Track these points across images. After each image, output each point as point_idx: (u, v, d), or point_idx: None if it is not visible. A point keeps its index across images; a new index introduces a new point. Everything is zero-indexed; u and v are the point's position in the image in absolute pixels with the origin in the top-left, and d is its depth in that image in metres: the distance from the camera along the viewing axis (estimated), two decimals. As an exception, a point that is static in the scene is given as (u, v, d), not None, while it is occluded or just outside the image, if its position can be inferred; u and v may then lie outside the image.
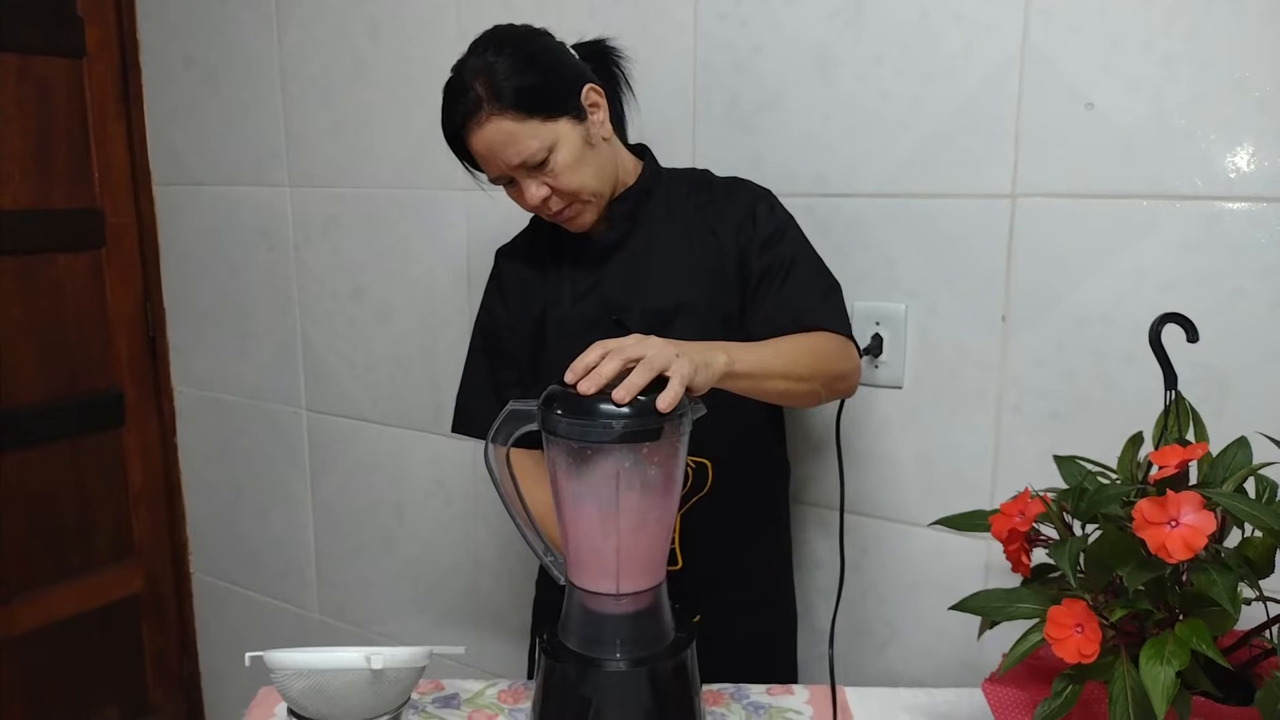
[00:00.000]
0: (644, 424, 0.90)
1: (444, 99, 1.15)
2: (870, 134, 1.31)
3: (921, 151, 1.28)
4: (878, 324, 1.34)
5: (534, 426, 0.97)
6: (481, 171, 1.18)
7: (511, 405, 0.98)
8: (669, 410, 0.89)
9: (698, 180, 1.28)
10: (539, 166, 1.13)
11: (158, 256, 2.18)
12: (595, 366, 0.91)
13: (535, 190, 1.14)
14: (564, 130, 1.13)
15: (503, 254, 1.34)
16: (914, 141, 1.29)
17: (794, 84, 1.35)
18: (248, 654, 0.98)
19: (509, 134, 1.11)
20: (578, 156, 1.14)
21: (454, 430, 1.33)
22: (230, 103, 1.97)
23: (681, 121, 1.44)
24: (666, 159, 1.32)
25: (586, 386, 0.90)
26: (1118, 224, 1.18)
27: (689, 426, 0.95)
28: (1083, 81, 1.17)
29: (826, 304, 1.18)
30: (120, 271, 2.13)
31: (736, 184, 1.27)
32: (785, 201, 1.37)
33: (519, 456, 1.11)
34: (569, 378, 0.92)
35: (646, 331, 1.04)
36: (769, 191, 1.25)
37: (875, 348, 1.34)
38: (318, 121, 1.85)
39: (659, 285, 1.22)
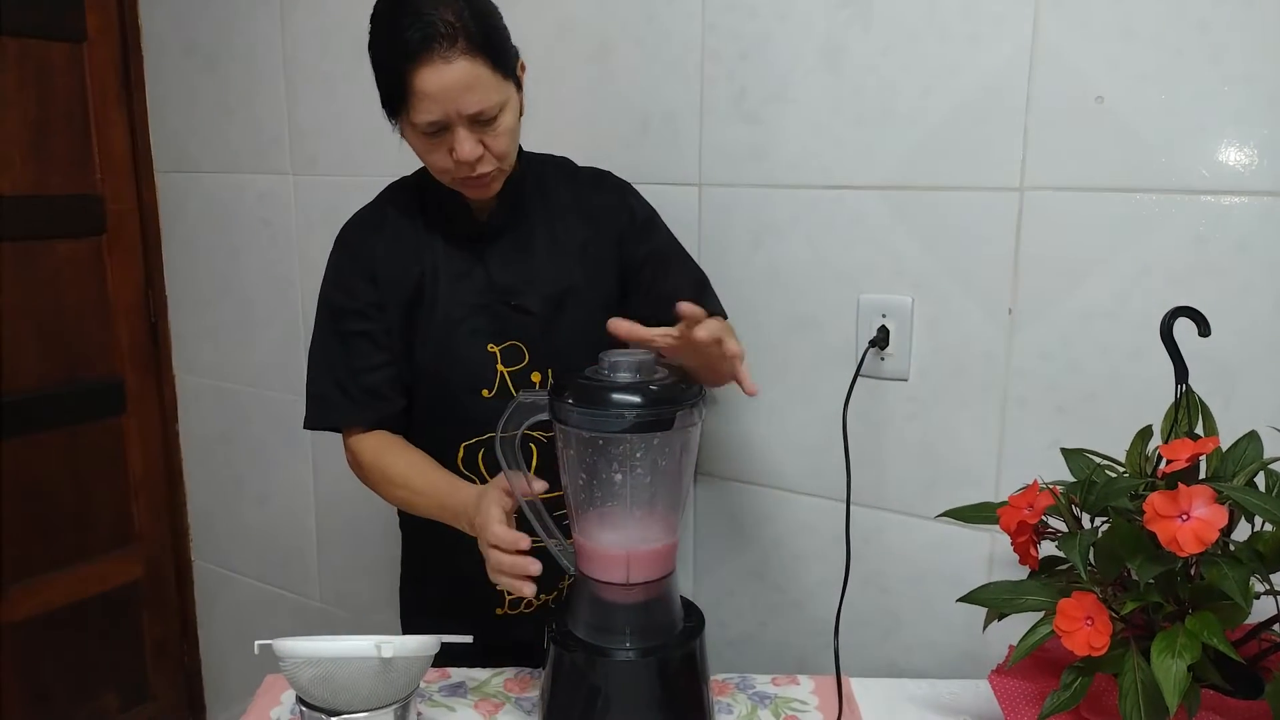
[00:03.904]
0: (656, 414, 0.91)
1: (388, 19, 1.04)
2: (877, 126, 1.31)
3: (929, 144, 1.28)
4: (884, 316, 1.34)
5: (544, 416, 0.97)
6: (400, 112, 1.07)
7: (521, 396, 0.98)
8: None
9: (564, 168, 1.30)
10: (486, 123, 1.07)
11: (159, 243, 2.18)
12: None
13: (471, 147, 1.07)
14: (511, 94, 1.11)
15: (361, 228, 1.24)
16: (921, 133, 1.28)
17: (801, 75, 1.35)
18: (257, 642, 0.98)
19: (477, 79, 1.04)
20: (515, 122, 1.12)
21: (309, 426, 1.26)
22: (232, 89, 1.96)
23: (688, 112, 1.44)
24: (673, 149, 1.32)
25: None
26: (1126, 218, 1.18)
27: (701, 416, 0.96)
28: (1092, 74, 1.17)
29: (712, 292, 1.29)
30: (121, 258, 2.12)
31: (602, 174, 1.31)
32: (792, 192, 1.38)
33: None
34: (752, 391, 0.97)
35: (543, 315, 1.07)
36: (628, 183, 1.30)
37: (881, 340, 1.34)
38: (321, 109, 1.85)
39: (545, 269, 1.22)
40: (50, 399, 2.03)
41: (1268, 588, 0.86)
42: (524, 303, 1.20)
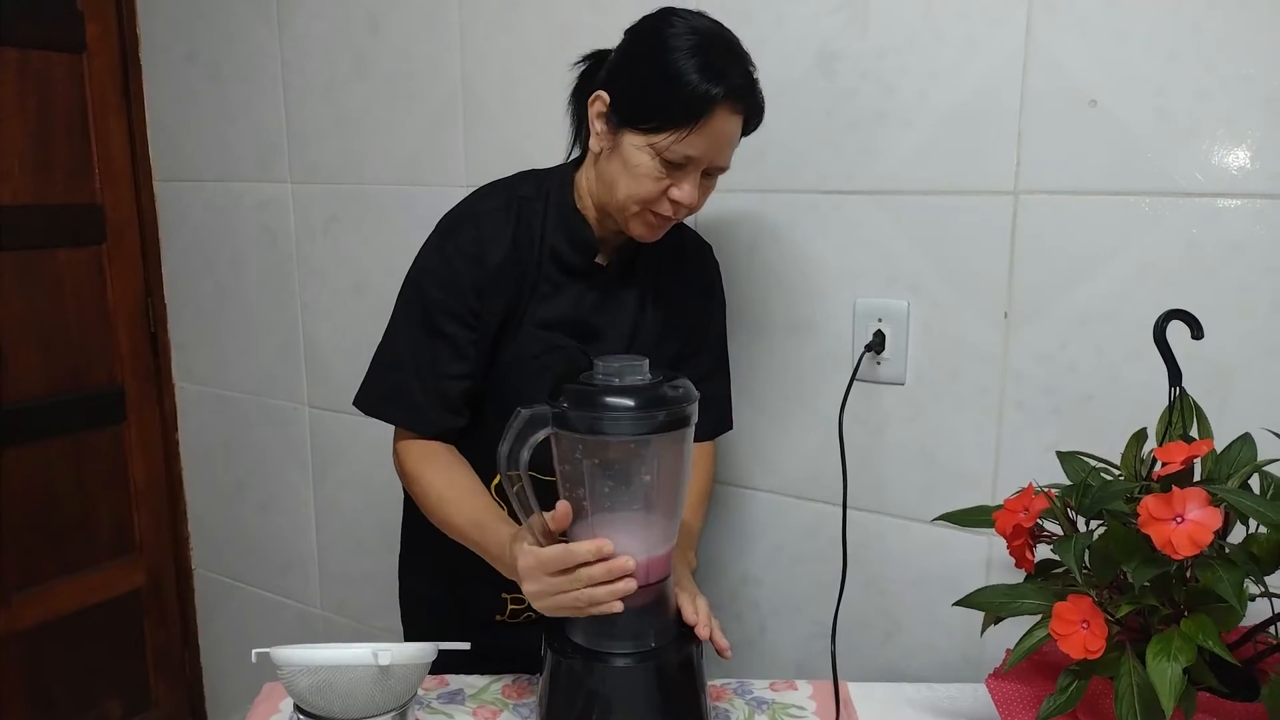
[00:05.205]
0: (653, 417, 0.91)
1: (714, 45, 1.04)
2: (873, 130, 1.31)
3: (924, 148, 1.28)
4: (880, 320, 1.34)
5: (549, 430, 0.95)
6: (665, 130, 1.04)
7: (529, 410, 0.95)
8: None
9: (678, 228, 1.26)
10: (710, 176, 1.11)
11: (159, 252, 2.18)
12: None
13: (693, 192, 1.08)
14: None
15: (481, 230, 1.14)
16: (917, 137, 1.29)
17: (796, 79, 1.35)
18: (254, 650, 0.98)
19: (736, 138, 1.09)
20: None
21: (360, 406, 1.19)
22: (231, 98, 1.97)
23: (684, 117, 1.44)
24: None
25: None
26: (1120, 221, 1.18)
27: (695, 420, 0.96)
28: (1086, 78, 1.17)
29: (730, 405, 1.36)
30: (121, 267, 2.13)
31: (705, 246, 1.33)
32: (788, 196, 1.39)
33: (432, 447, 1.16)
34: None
35: None
36: (719, 263, 1.34)
37: (877, 344, 1.34)
38: (319, 117, 1.85)
39: (630, 327, 1.21)
40: (51, 408, 2.03)
41: (1263, 590, 0.86)
42: (599, 356, 1.17)
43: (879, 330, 1.34)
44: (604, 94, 1.08)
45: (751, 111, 1.09)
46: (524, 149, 1.59)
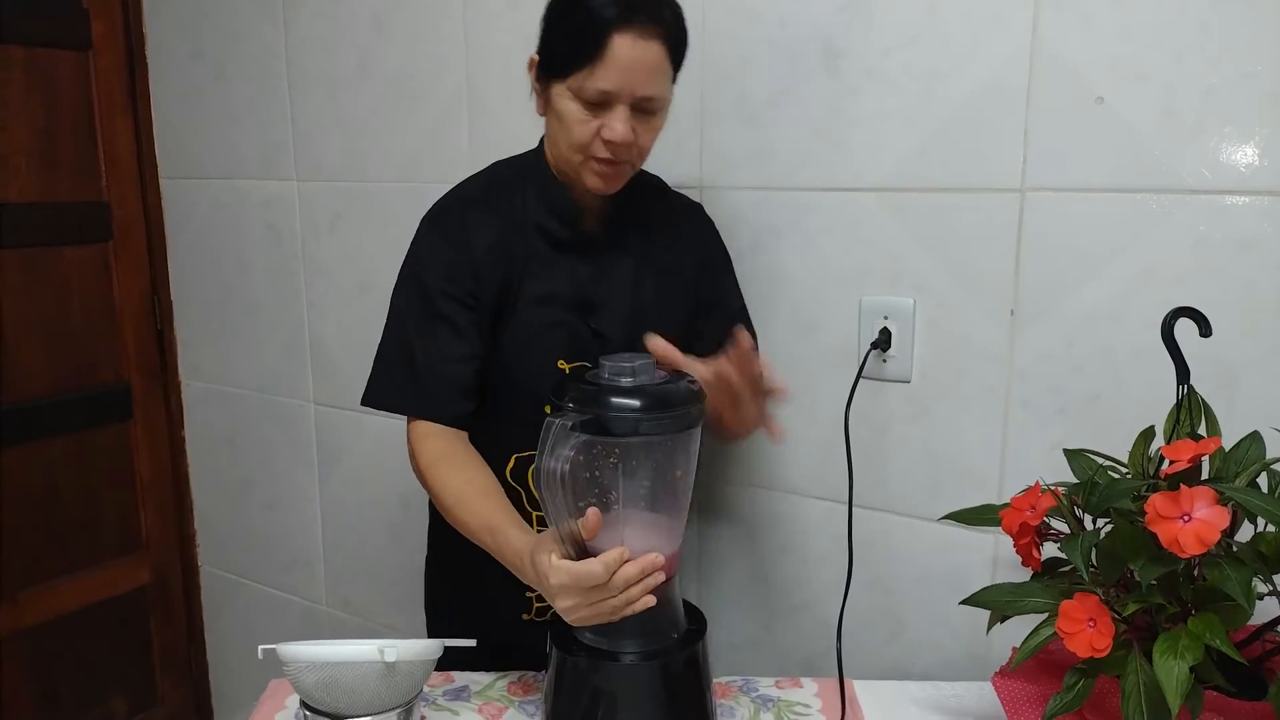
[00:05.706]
0: (659, 417, 0.91)
1: None
2: (878, 128, 1.31)
3: (929, 145, 1.28)
4: (885, 318, 1.34)
5: (582, 438, 0.94)
6: (573, 72, 1.05)
7: (561, 419, 0.92)
8: None
9: (660, 188, 1.29)
10: (645, 113, 1.08)
11: (165, 249, 2.19)
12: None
13: (625, 129, 1.06)
14: (670, 99, 1.11)
15: (464, 215, 1.17)
16: (922, 135, 1.28)
17: (801, 78, 1.35)
18: (260, 647, 0.98)
19: (660, 67, 1.06)
20: (662, 126, 1.13)
21: (370, 403, 1.18)
22: (237, 96, 1.97)
23: (689, 115, 1.44)
24: (673, 152, 1.31)
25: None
26: (1127, 218, 1.17)
27: (701, 419, 0.96)
28: (1092, 75, 1.17)
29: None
30: (127, 264, 2.13)
31: (695, 204, 1.32)
32: (792, 195, 1.39)
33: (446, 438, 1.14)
34: None
35: (618, 341, 1.09)
36: (713, 221, 1.34)
37: (883, 342, 1.34)
38: (324, 115, 1.85)
39: (630, 292, 1.21)
40: (57, 405, 2.04)
41: (1270, 589, 0.86)
42: (602, 327, 1.17)
43: (885, 328, 1.34)
44: (534, 55, 1.11)
45: (667, 37, 1.05)
46: (528, 147, 1.58)
